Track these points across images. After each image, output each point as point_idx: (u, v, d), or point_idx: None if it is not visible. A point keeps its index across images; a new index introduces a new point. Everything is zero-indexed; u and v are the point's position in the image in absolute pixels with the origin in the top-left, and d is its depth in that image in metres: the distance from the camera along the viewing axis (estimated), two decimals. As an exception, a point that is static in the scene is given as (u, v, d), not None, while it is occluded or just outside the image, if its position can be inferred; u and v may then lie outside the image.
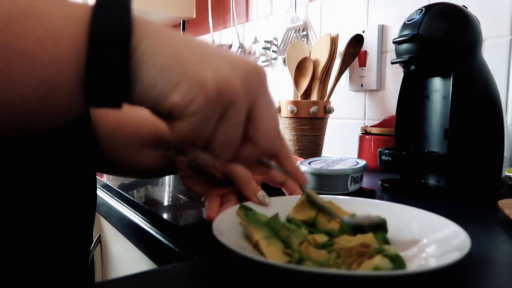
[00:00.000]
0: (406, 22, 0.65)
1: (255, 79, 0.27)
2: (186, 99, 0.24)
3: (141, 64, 0.24)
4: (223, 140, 0.27)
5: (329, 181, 0.61)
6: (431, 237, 0.36)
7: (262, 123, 0.28)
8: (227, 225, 0.36)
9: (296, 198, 0.43)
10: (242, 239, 0.35)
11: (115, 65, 0.23)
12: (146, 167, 0.52)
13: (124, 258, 0.70)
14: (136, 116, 0.53)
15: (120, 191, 0.64)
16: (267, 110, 0.28)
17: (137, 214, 0.55)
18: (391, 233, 0.37)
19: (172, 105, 0.25)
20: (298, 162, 0.68)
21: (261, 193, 0.41)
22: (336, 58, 1.04)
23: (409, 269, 0.31)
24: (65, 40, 0.23)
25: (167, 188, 0.72)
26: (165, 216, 0.51)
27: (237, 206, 0.38)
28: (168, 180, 0.77)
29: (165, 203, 0.61)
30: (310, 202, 0.38)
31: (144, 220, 0.52)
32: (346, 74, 1.11)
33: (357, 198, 0.45)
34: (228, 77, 0.25)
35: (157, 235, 0.47)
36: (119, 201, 0.62)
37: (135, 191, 0.68)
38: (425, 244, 0.35)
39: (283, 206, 0.42)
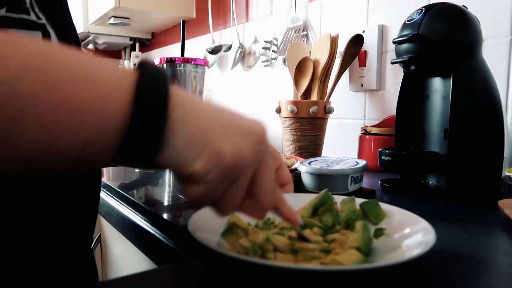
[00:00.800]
0: (406, 22, 0.65)
1: (262, 147, 0.31)
2: (207, 168, 0.28)
3: (170, 134, 0.27)
4: (229, 200, 0.31)
5: (329, 181, 0.61)
6: (401, 232, 0.38)
7: (263, 184, 0.32)
8: (203, 223, 0.37)
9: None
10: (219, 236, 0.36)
11: (153, 129, 0.26)
12: None
13: (124, 258, 0.70)
14: None
15: (120, 191, 0.64)
16: (268, 172, 0.32)
17: (137, 214, 0.55)
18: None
19: (193, 173, 0.28)
20: (298, 162, 0.68)
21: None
22: (336, 58, 1.04)
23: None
24: (114, 102, 0.26)
25: (167, 188, 0.72)
26: (165, 216, 0.51)
27: None
28: (168, 180, 0.77)
29: (165, 203, 0.61)
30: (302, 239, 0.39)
31: (144, 220, 0.52)
32: (346, 74, 1.11)
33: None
34: (243, 149, 0.29)
35: (157, 235, 0.47)
36: (119, 201, 0.62)
37: (135, 191, 0.68)
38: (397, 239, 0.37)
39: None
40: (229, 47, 1.57)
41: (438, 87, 0.68)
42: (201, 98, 0.31)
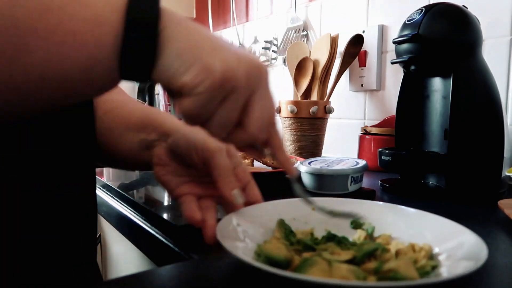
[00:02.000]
0: (406, 22, 0.65)
1: (257, 74, 0.31)
2: (195, 80, 0.29)
3: (163, 46, 0.28)
4: (220, 120, 0.31)
5: (329, 181, 0.62)
6: (444, 245, 0.35)
7: (254, 112, 0.32)
8: (228, 230, 0.36)
9: (293, 201, 0.42)
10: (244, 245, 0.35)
11: (145, 44, 0.28)
12: (127, 153, 0.50)
13: (124, 258, 0.70)
14: (129, 102, 0.52)
15: (120, 191, 0.64)
16: (261, 102, 0.32)
17: (137, 214, 0.55)
18: (403, 239, 0.37)
19: (182, 84, 0.29)
20: (298, 162, 0.68)
21: (237, 191, 0.38)
22: (336, 58, 1.04)
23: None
24: (105, 23, 0.27)
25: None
26: (165, 216, 0.51)
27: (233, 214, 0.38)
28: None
29: (165, 203, 0.61)
30: (298, 195, 0.38)
31: (144, 220, 0.52)
32: (346, 74, 1.11)
33: (378, 202, 0.43)
34: (234, 68, 0.30)
35: (157, 235, 0.47)
36: (119, 201, 0.62)
37: (135, 191, 0.68)
38: (437, 253, 0.34)
39: (281, 210, 0.41)
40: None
41: (438, 87, 0.68)
42: (197, 24, 0.32)
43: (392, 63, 0.68)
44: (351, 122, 1.13)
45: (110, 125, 0.50)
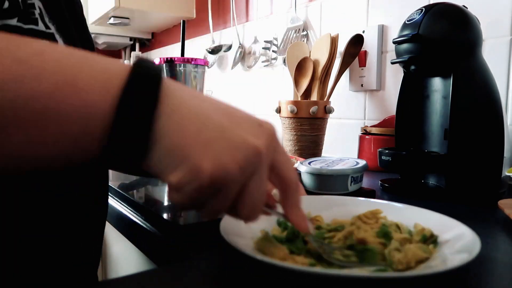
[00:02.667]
0: (406, 22, 0.65)
1: (255, 161, 0.29)
2: (182, 182, 0.27)
3: (152, 143, 0.27)
4: (211, 210, 0.30)
5: (329, 181, 0.61)
6: (438, 238, 0.36)
7: (247, 199, 0.30)
8: (234, 226, 0.36)
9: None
10: (249, 241, 0.35)
11: (135, 141, 0.26)
12: None
13: (124, 258, 0.70)
14: None
15: (120, 191, 0.64)
16: (256, 187, 0.30)
17: (137, 214, 0.55)
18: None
19: (169, 184, 0.28)
20: (298, 162, 0.68)
21: (275, 192, 0.37)
22: (336, 58, 1.04)
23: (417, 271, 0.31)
24: (95, 114, 0.26)
25: (167, 188, 0.72)
26: (165, 216, 0.51)
27: None
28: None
29: (165, 203, 0.61)
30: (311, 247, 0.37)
31: (144, 220, 0.52)
32: (346, 74, 1.11)
33: (370, 200, 0.45)
34: (225, 166, 0.27)
35: (157, 235, 0.47)
36: (119, 201, 0.62)
37: (135, 191, 0.68)
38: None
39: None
40: (229, 47, 1.56)
41: (438, 87, 0.68)
42: (200, 96, 0.30)
43: (392, 63, 0.68)
44: (351, 122, 1.13)
45: None
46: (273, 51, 1.36)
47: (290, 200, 0.33)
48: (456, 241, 0.34)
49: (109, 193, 0.68)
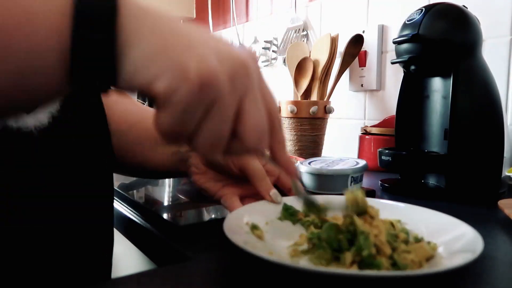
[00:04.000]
0: (406, 22, 0.65)
1: (244, 72, 0.26)
2: (168, 89, 0.24)
3: (126, 48, 0.23)
4: (207, 136, 0.26)
5: (329, 181, 0.61)
6: (440, 238, 0.36)
7: (248, 120, 0.27)
8: (238, 223, 0.36)
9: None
10: (252, 239, 0.35)
11: (101, 46, 0.22)
12: (159, 165, 0.52)
13: (124, 258, 0.70)
14: (148, 113, 0.53)
15: (120, 191, 0.64)
16: (255, 105, 0.27)
17: (137, 214, 0.55)
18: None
19: (155, 95, 0.24)
20: (298, 162, 0.68)
21: (274, 191, 0.42)
22: (336, 58, 1.04)
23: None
24: (44, 20, 0.22)
25: (167, 188, 0.72)
26: (165, 216, 0.51)
27: (247, 206, 0.40)
28: (168, 180, 0.77)
29: (165, 203, 0.61)
30: (299, 196, 0.40)
31: (144, 220, 0.52)
32: (346, 74, 1.11)
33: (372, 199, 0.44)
34: (213, 68, 0.24)
35: (157, 235, 0.47)
36: (119, 201, 0.62)
37: (135, 191, 0.68)
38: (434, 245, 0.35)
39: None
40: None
41: (438, 87, 0.68)
42: (167, 13, 0.26)
43: (392, 63, 0.68)
44: (351, 122, 1.13)
45: (138, 139, 0.51)
46: (273, 51, 1.36)
47: (276, 137, 0.31)
48: (458, 240, 0.34)
49: (109, 193, 0.68)
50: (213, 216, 0.52)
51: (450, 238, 0.35)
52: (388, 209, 0.42)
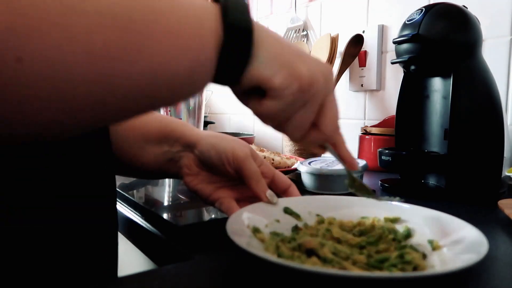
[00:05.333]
0: (406, 22, 0.65)
1: (330, 78, 0.34)
2: (284, 83, 0.31)
3: (257, 50, 0.30)
4: (298, 122, 0.34)
5: (329, 181, 0.62)
6: (445, 239, 0.36)
7: (328, 113, 0.35)
8: (240, 226, 0.36)
9: (300, 199, 0.44)
10: (254, 240, 0.35)
11: (243, 47, 0.29)
12: (149, 164, 0.51)
13: (124, 258, 0.70)
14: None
15: (120, 191, 0.64)
16: (334, 104, 0.35)
17: (137, 214, 0.55)
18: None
19: (272, 86, 0.31)
20: (298, 162, 0.68)
21: (270, 192, 0.43)
22: (336, 58, 1.04)
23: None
24: (207, 26, 0.28)
25: (167, 188, 0.72)
26: (165, 216, 0.51)
27: (247, 208, 0.40)
28: (168, 180, 0.77)
29: (165, 203, 0.61)
30: (352, 185, 0.41)
31: (144, 220, 0.52)
32: (346, 74, 1.11)
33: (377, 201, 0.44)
34: (316, 73, 0.32)
35: (157, 235, 0.47)
36: (119, 201, 0.62)
37: (135, 191, 0.68)
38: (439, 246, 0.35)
39: (289, 205, 0.43)
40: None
41: (438, 87, 0.68)
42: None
43: (392, 63, 0.68)
44: (351, 122, 1.13)
45: (128, 138, 0.51)
46: (273, 51, 1.36)
47: (340, 137, 0.39)
48: (462, 241, 0.34)
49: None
50: (213, 216, 0.52)
51: (454, 238, 0.35)
52: (394, 210, 0.42)
